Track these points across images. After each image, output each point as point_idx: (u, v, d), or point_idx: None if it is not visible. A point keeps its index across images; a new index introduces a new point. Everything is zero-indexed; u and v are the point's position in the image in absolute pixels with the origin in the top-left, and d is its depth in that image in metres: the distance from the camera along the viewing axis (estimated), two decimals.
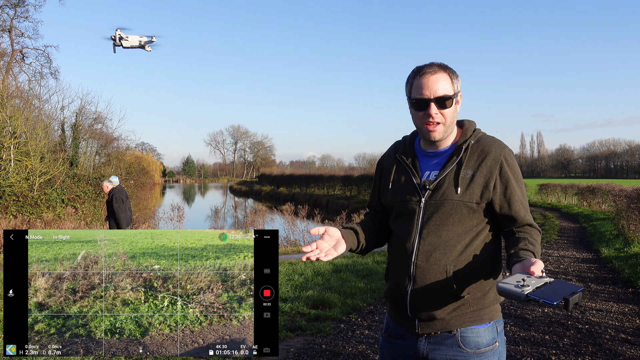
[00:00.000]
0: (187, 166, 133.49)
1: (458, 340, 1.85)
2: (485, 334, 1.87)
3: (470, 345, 1.85)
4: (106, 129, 28.84)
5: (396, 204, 1.99)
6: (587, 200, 24.81)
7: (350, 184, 44.90)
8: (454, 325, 1.85)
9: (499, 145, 1.93)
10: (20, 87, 25.92)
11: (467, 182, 1.86)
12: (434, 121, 1.87)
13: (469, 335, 1.85)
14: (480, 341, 1.86)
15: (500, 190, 1.87)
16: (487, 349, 1.86)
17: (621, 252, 10.36)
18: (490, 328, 1.88)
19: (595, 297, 7.03)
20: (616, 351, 4.81)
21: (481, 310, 1.87)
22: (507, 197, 1.87)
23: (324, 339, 5.12)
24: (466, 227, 1.86)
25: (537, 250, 1.78)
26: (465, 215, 1.86)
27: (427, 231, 1.87)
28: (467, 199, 1.85)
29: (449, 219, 1.86)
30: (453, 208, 1.85)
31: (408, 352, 1.93)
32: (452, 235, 1.85)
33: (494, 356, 1.87)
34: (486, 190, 1.86)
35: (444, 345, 1.87)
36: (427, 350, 1.89)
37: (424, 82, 1.87)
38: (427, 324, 1.88)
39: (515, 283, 1.55)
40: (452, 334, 1.86)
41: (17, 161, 19.30)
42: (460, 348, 1.85)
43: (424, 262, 1.85)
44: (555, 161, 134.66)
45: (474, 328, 1.86)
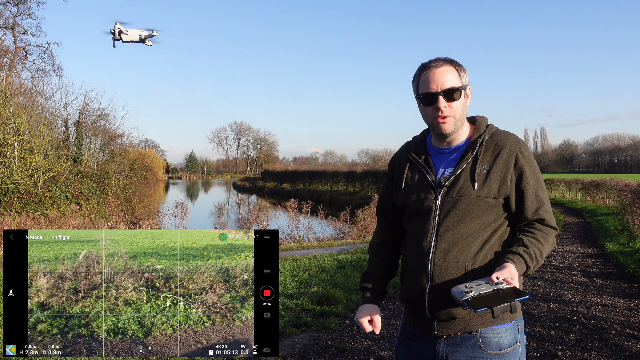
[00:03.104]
0: (190, 163, 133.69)
1: (479, 341, 1.81)
2: (506, 334, 1.82)
3: (492, 346, 1.80)
4: (109, 125, 28.86)
5: (411, 202, 1.95)
6: (591, 195, 24.75)
7: (353, 180, 44.86)
8: (475, 325, 1.81)
9: (513, 139, 1.91)
10: (24, 84, 25.93)
11: (484, 177, 1.83)
12: (443, 114, 1.84)
13: (490, 335, 1.81)
14: (502, 341, 1.81)
15: (516, 183, 1.85)
16: (509, 349, 1.81)
17: (626, 247, 10.32)
18: (511, 327, 1.84)
19: (600, 292, 7.00)
20: (622, 346, 4.78)
21: None
22: (521, 188, 1.84)
23: (329, 335, 5.10)
24: (484, 223, 1.83)
25: (530, 253, 1.75)
26: (483, 211, 1.82)
27: (445, 228, 1.83)
28: (485, 194, 1.81)
29: (466, 216, 1.82)
30: (471, 204, 1.82)
31: (426, 355, 1.88)
32: (470, 231, 1.81)
33: (515, 357, 1.82)
34: (503, 185, 1.83)
35: (464, 346, 1.81)
36: (446, 352, 1.84)
37: (431, 76, 1.85)
38: (446, 324, 1.83)
39: (465, 288, 1.60)
40: (472, 334, 1.81)
41: (21, 158, 19.35)
42: (481, 349, 1.80)
43: (442, 259, 1.81)
44: (559, 156, 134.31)
45: (495, 328, 1.81)
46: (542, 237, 1.81)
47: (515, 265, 1.69)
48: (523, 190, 1.84)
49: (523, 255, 1.74)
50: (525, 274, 1.77)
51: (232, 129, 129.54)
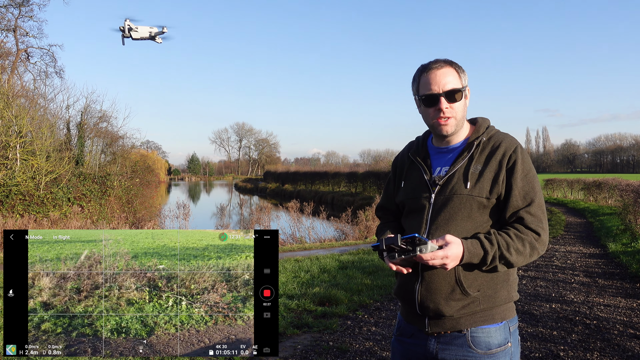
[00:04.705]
0: (192, 164, 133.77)
1: (468, 340, 1.82)
2: (496, 334, 1.83)
3: (481, 345, 1.82)
4: (111, 127, 28.88)
5: (408, 200, 1.99)
6: (593, 195, 24.70)
7: (355, 181, 44.86)
8: (464, 324, 1.82)
9: (510, 140, 1.90)
10: (26, 86, 26.00)
11: (477, 177, 1.84)
12: (445, 116, 1.86)
13: (479, 335, 1.82)
14: (492, 341, 1.82)
15: (505, 182, 1.84)
16: (499, 349, 1.82)
17: (628, 247, 10.30)
18: (502, 328, 1.85)
19: (603, 292, 6.99)
20: (625, 346, 4.77)
21: (492, 309, 1.84)
22: (508, 187, 1.83)
23: (331, 335, 5.10)
24: (476, 223, 1.83)
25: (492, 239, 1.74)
26: (474, 210, 1.83)
27: (436, 226, 1.85)
28: (477, 193, 1.82)
29: (457, 214, 1.83)
30: (462, 202, 1.83)
31: (418, 352, 1.91)
32: (461, 230, 1.82)
33: (505, 357, 1.83)
34: (496, 184, 1.83)
35: (453, 345, 1.84)
36: (436, 350, 1.86)
37: (432, 78, 1.86)
38: (436, 322, 1.85)
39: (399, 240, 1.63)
40: (462, 333, 1.83)
41: (23, 160, 19.39)
42: (470, 348, 1.82)
43: None
44: (561, 156, 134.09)
45: (485, 328, 1.83)
46: (514, 234, 1.78)
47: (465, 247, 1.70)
48: (510, 189, 1.83)
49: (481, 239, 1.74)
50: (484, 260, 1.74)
51: (234, 130, 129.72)
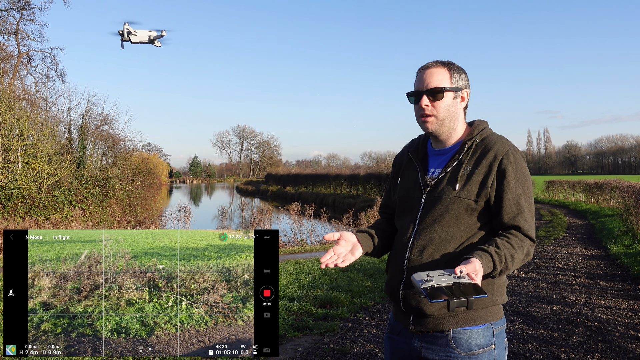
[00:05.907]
0: (194, 166, 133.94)
1: (450, 340, 1.83)
2: (478, 336, 1.84)
3: (463, 346, 1.82)
4: (113, 130, 28.95)
5: (401, 199, 2.02)
6: (594, 196, 24.68)
7: (356, 183, 44.86)
8: (447, 325, 1.83)
9: (503, 142, 1.90)
10: (27, 89, 26.07)
11: (466, 179, 1.85)
12: (425, 113, 1.90)
13: (461, 336, 1.83)
14: (474, 342, 1.83)
15: (496, 186, 1.83)
16: (481, 351, 1.82)
17: (630, 248, 10.28)
18: (484, 330, 1.85)
19: (604, 294, 6.98)
20: (626, 348, 4.77)
21: (475, 312, 1.84)
22: (500, 192, 1.82)
23: (331, 338, 5.10)
24: (464, 225, 1.85)
25: (501, 254, 1.71)
26: (462, 212, 1.84)
27: (423, 226, 1.88)
28: (465, 195, 1.83)
29: (444, 215, 1.85)
30: (450, 204, 1.84)
31: (404, 349, 1.94)
32: (448, 231, 1.84)
33: (488, 358, 1.83)
34: (484, 187, 1.83)
35: (436, 345, 1.85)
36: (420, 349, 1.88)
37: (421, 77, 1.93)
38: (419, 321, 1.87)
39: (425, 276, 1.58)
40: (444, 333, 1.84)
41: (25, 163, 19.43)
42: (452, 349, 1.83)
43: (417, 256, 1.86)
44: (562, 158, 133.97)
45: (467, 329, 1.83)
46: (516, 243, 1.77)
47: (481, 262, 1.65)
48: (502, 194, 1.82)
49: (493, 254, 1.70)
50: (491, 274, 1.74)
51: (235, 132, 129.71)
